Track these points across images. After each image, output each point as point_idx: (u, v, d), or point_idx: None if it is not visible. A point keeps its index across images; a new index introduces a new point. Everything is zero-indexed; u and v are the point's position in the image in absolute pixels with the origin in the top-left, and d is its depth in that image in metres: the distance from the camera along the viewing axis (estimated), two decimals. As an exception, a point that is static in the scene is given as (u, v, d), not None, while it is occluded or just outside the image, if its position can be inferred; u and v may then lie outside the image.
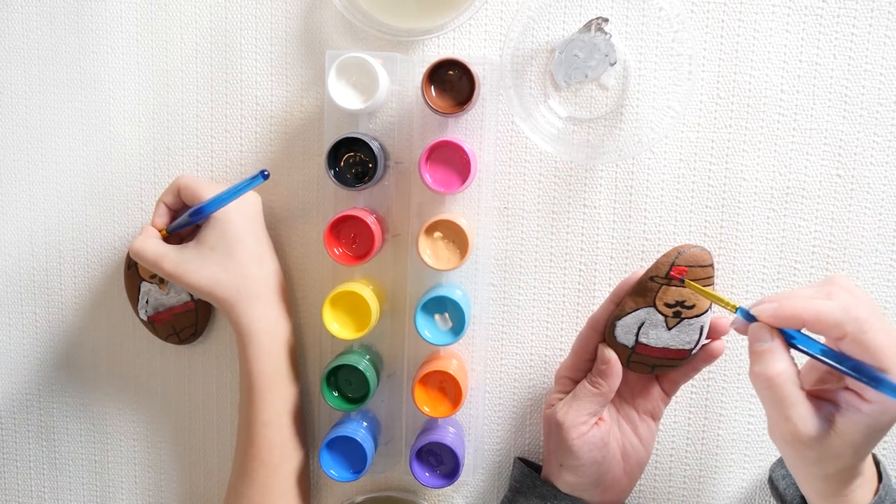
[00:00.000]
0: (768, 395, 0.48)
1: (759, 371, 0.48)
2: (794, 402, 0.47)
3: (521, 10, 0.62)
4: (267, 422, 0.63)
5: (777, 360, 0.47)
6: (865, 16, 0.64)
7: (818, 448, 0.46)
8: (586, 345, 0.59)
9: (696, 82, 0.63)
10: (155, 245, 0.62)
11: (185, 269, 0.62)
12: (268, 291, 0.64)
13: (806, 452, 0.47)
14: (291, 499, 0.65)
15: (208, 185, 0.64)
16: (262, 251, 0.65)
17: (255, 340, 0.63)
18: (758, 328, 0.49)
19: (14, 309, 0.74)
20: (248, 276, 0.63)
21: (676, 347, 0.56)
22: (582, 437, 0.56)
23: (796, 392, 0.47)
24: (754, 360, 0.48)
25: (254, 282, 0.63)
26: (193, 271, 0.62)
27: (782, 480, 0.61)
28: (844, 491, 0.49)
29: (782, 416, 0.47)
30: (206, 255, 0.62)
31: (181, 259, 0.62)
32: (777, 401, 0.47)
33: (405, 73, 0.66)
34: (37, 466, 0.75)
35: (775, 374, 0.47)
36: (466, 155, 0.61)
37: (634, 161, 0.66)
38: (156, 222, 0.65)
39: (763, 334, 0.48)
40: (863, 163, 0.65)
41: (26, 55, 0.71)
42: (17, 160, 0.72)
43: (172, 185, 0.64)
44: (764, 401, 0.48)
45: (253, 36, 0.68)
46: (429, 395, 0.64)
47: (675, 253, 0.55)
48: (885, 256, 0.66)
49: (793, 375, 0.47)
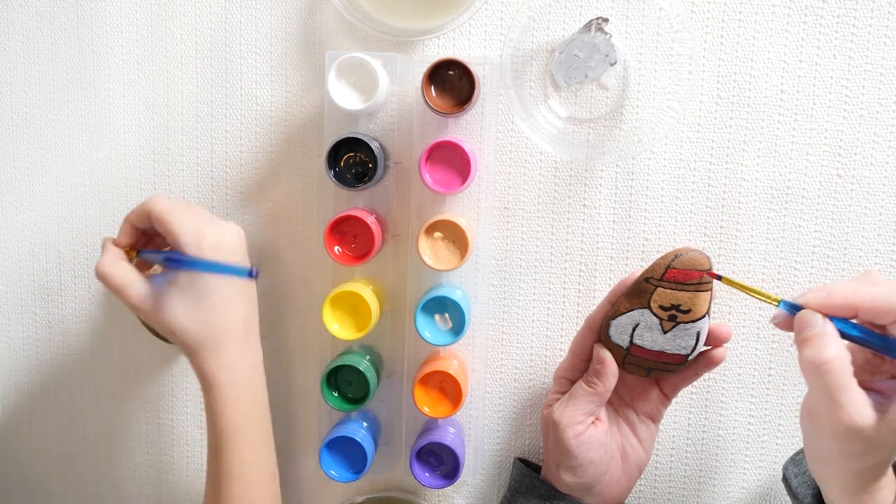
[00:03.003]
0: (820, 382, 0.45)
1: (812, 355, 0.45)
2: (848, 389, 0.44)
3: (521, 10, 0.62)
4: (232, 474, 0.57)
5: (830, 343, 0.45)
6: (865, 16, 0.64)
7: (866, 439, 0.44)
8: (583, 345, 0.59)
9: (696, 82, 0.63)
10: (121, 270, 0.56)
11: (149, 306, 0.56)
12: (235, 335, 0.57)
13: (853, 444, 0.45)
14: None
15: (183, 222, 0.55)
16: (235, 294, 0.57)
17: (217, 391, 0.57)
18: (807, 314, 0.47)
19: (14, 309, 0.74)
20: (212, 325, 0.56)
21: (672, 352, 0.56)
22: (578, 436, 0.56)
23: (850, 378, 0.44)
24: (805, 346, 0.46)
25: (220, 330, 0.57)
26: (158, 311, 0.55)
27: (795, 479, 0.60)
28: (870, 488, 0.47)
29: (835, 403, 0.44)
30: (174, 295, 0.55)
31: (147, 294, 0.56)
32: (830, 387, 0.44)
33: (405, 73, 0.66)
34: (37, 466, 0.75)
35: (830, 359, 0.44)
36: (466, 155, 0.61)
37: (634, 161, 0.66)
38: (120, 241, 0.58)
39: (813, 319, 0.46)
40: (863, 163, 0.65)
41: (26, 55, 0.71)
42: (17, 160, 0.72)
43: (143, 207, 0.57)
44: (814, 387, 0.46)
45: (253, 36, 0.68)
46: (429, 395, 0.64)
47: (672, 255, 0.54)
48: (885, 256, 0.66)
49: (846, 360, 0.45)
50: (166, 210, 0.55)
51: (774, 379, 0.67)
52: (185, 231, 0.54)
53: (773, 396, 0.67)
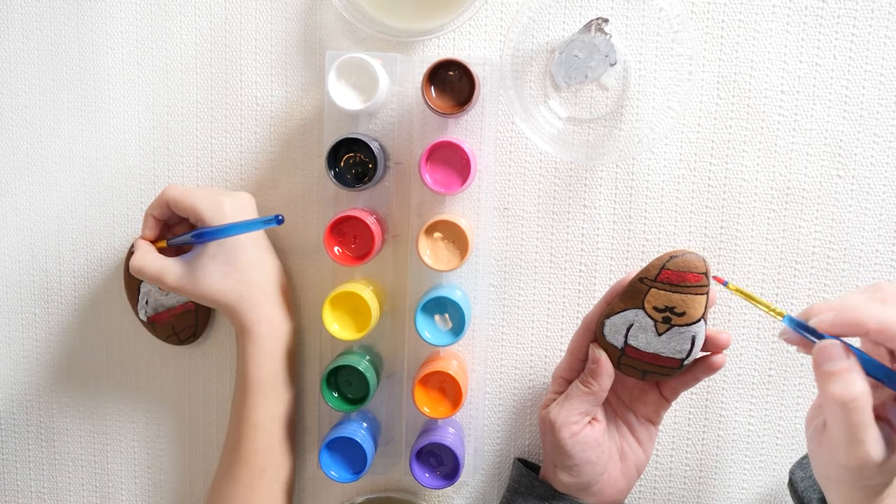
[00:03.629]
0: (844, 419, 0.44)
1: (840, 393, 0.44)
2: (870, 426, 0.44)
3: (521, 10, 0.62)
4: (257, 424, 0.63)
5: (857, 381, 0.44)
6: (865, 16, 0.64)
7: (877, 471, 0.45)
8: (580, 345, 0.59)
9: (696, 83, 0.63)
10: (155, 260, 0.62)
11: (187, 281, 0.62)
12: (271, 293, 0.65)
13: (863, 474, 0.45)
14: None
15: (199, 196, 0.62)
16: (262, 254, 0.65)
17: (256, 342, 0.63)
18: (830, 346, 0.45)
19: (14, 309, 0.74)
20: (249, 281, 0.63)
21: (667, 355, 0.55)
22: (574, 436, 0.56)
23: (871, 415, 0.44)
24: (829, 381, 0.45)
25: (256, 285, 0.63)
26: (196, 282, 0.62)
27: (801, 483, 0.60)
28: (875, 500, 0.47)
29: (855, 441, 0.44)
30: (206, 264, 0.62)
31: (182, 271, 0.62)
32: (854, 424, 0.44)
33: (405, 73, 0.66)
34: (37, 467, 0.75)
35: (856, 397, 0.44)
36: (466, 155, 0.61)
37: (634, 161, 0.66)
38: (146, 234, 0.64)
39: (837, 352, 0.45)
40: (863, 163, 0.65)
41: (26, 55, 0.71)
42: (17, 160, 0.72)
43: (160, 197, 0.63)
44: (836, 423, 0.45)
45: (253, 36, 0.68)
46: (429, 395, 0.64)
47: (668, 256, 0.54)
48: (885, 256, 0.66)
49: (870, 397, 0.44)
50: (182, 193, 0.62)
51: (774, 379, 0.67)
52: (205, 204, 0.61)
53: (773, 397, 0.67)
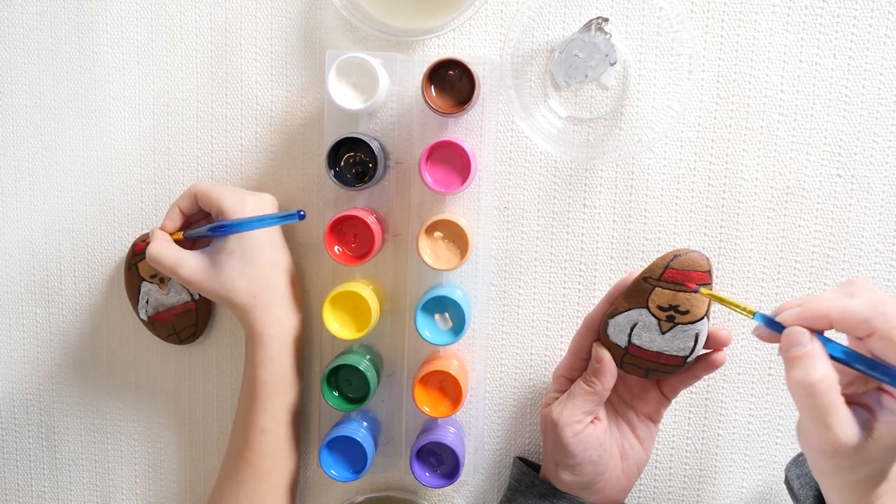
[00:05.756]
0: (808, 403, 0.44)
1: (801, 377, 0.44)
2: (835, 410, 0.44)
3: (521, 10, 0.62)
4: (265, 429, 0.63)
5: (818, 364, 0.44)
6: (865, 16, 0.64)
7: (855, 456, 0.44)
8: (582, 344, 0.59)
9: (696, 82, 0.63)
10: (172, 250, 0.62)
11: (202, 275, 0.62)
12: (283, 295, 0.64)
13: (841, 461, 0.45)
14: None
15: (225, 191, 0.63)
16: (278, 254, 0.65)
17: (266, 346, 0.63)
18: (794, 331, 0.46)
19: (14, 309, 0.74)
20: (264, 282, 0.63)
21: (671, 353, 0.56)
22: (577, 435, 0.56)
23: (837, 398, 0.44)
24: (792, 366, 0.45)
25: (270, 287, 0.63)
26: (211, 277, 0.61)
27: (797, 480, 0.60)
28: (870, 497, 0.47)
29: (822, 425, 0.44)
30: (223, 261, 0.61)
31: (199, 264, 0.62)
32: (818, 408, 0.44)
33: (405, 73, 0.66)
34: (37, 466, 0.75)
35: (817, 380, 0.44)
36: (466, 155, 0.61)
37: (634, 161, 0.66)
38: (167, 225, 0.64)
39: (800, 337, 0.45)
40: (863, 163, 0.65)
41: (26, 55, 0.71)
42: (17, 161, 0.72)
43: (189, 191, 0.64)
44: (802, 408, 0.45)
45: (253, 36, 0.68)
46: (429, 394, 0.64)
47: (672, 255, 0.54)
48: (885, 256, 0.66)
49: (834, 381, 0.44)
50: (210, 187, 0.63)
51: (774, 379, 0.67)
52: (229, 200, 0.62)
53: (773, 396, 0.67)
